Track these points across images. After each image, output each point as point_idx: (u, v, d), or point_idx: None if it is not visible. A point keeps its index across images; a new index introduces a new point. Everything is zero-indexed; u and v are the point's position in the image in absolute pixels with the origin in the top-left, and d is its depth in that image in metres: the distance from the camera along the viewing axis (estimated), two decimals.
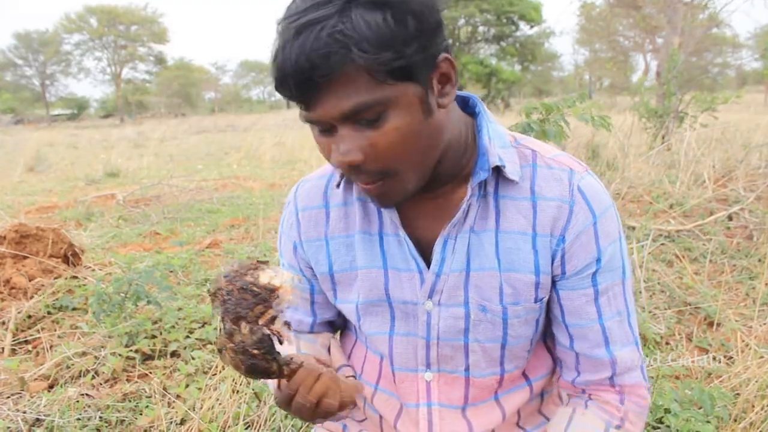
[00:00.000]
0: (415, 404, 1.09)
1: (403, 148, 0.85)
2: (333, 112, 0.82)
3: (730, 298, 3.32)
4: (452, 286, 1.00)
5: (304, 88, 0.81)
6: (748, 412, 2.04)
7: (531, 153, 1.00)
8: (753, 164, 6.39)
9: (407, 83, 0.83)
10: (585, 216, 0.96)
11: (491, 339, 1.02)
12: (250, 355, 0.80)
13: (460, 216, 0.98)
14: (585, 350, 1.02)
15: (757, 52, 38.28)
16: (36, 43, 50.97)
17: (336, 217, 1.08)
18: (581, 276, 0.98)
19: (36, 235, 3.78)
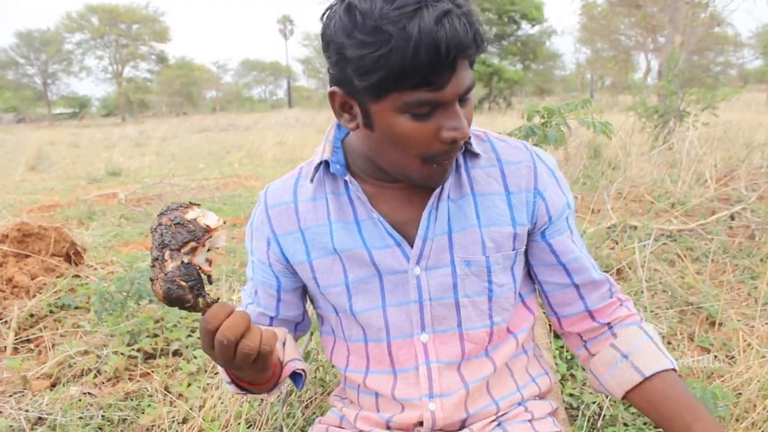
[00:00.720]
0: (414, 367, 1.15)
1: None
2: (458, 90, 0.93)
3: (732, 298, 3.31)
4: (438, 249, 1.10)
5: (445, 72, 0.90)
6: (750, 412, 2.04)
7: (482, 133, 1.17)
8: (755, 163, 6.39)
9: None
10: (546, 171, 1.14)
11: (478, 292, 1.13)
12: (175, 283, 0.85)
13: (439, 190, 1.09)
14: (584, 279, 1.18)
15: (758, 51, 38.21)
16: (38, 42, 50.96)
17: (305, 209, 1.15)
18: (561, 220, 1.16)
19: (38, 233, 3.79)
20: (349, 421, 1.24)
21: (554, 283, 1.20)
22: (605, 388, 1.19)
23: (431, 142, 0.96)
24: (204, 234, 0.87)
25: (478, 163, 1.13)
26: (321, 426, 1.27)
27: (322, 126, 21.65)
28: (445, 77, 0.90)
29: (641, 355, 1.13)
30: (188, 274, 0.85)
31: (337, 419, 1.27)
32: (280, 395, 2.13)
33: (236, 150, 14.14)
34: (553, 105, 2.39)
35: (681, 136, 7.24)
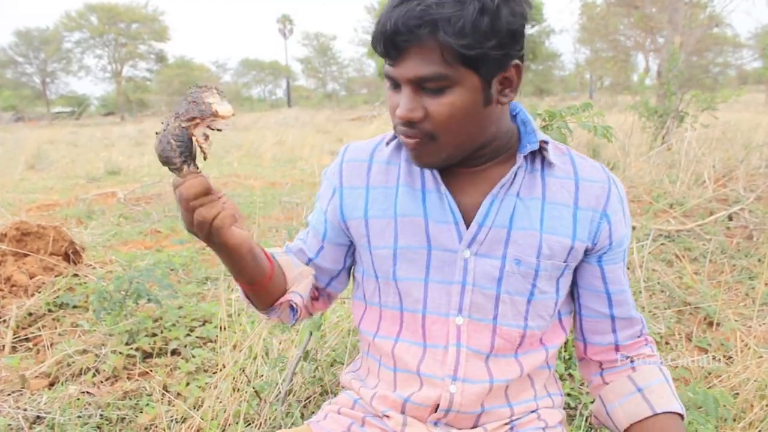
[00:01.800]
0: (443, 346, 1.16)
1: (450, 121, 1.01)
2: (406, 74, 0.99)
3: (729, 298, 3.32)
4: (492, 240, 1.12)
5: (389, 48, 0.99)
6: (747, 412, 2.05)
7: (565, 148, 1.19)
8: (753, 164, 6.40)
9: (471, 72, 0.98)
10: (618, 198, 1.16)
11: (520, 291, 1.14)
12: (168, 143, 0.93)
13: (508, 179, 1.11)
14: (623, 313, 1.21)
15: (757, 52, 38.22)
16: (37, 40, 50.88)
17: (377, 170, 1.20)
18: (621, 249, 1.18)
19: (37, 232, 3.79)
20: (362, 405, 1.24)
21: (593, 309, 1.22)
22: (610, 418, 1.23)
23: (393, 112, 1.06)
24: (209, 115, 0.94)
25: (554, 173, 1.15)
26: (333, 407, 1.28)
27: (322, 125, 21.66)
28: (392, 55, 0.99)
29: (656, 392, 1.17)
30: (180, 138, 0.93)
31: (351, 401, 1.27)
32: (278, 394, 2.13)
33: (235, 149, 14.12)
34: (553, 108, 2.40)
35: (680, 137, 7.24)
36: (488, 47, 0.96)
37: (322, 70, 67.78)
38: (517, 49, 1.01)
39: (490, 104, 1.03)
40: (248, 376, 2.19)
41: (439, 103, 1.00)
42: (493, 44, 0.96)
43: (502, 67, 1.01)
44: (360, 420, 1.22)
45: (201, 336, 2.85)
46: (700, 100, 7.84)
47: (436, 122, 1.01)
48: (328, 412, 1.27)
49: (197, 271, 3.96)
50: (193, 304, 3.21)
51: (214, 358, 2.59)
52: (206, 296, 3.49)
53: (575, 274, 1.21)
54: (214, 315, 3.00)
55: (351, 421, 1.23)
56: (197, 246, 4.67)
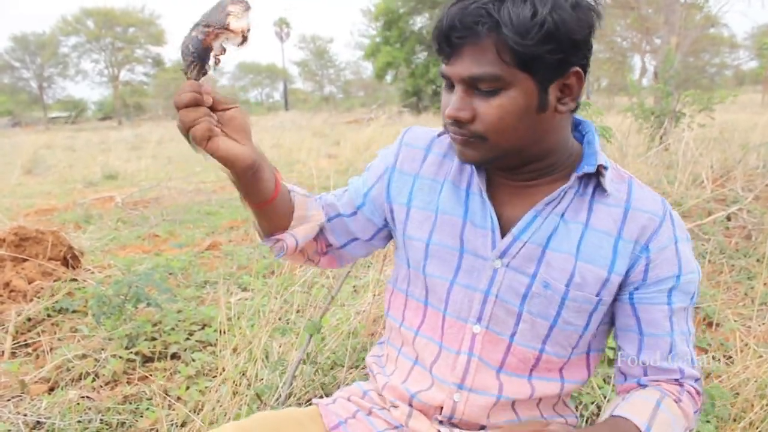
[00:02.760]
0: (456, 351, 1.15)
1: (500, 124, 0.99)
2: (459, 72, 0.98)
3: (729, 298, 3.33)
4: (526, 256, 1.09)
5: (443, 45, 0.98)
6: (747, 412, 2.05)
7: (627, 176, 1.13)
8: (751, 164, 6.40)
9: (527, 74, 0.96)
10: (669, 235, 1.08)
11: (543, 315, 1.10)
12: (186, 45, 0.93)
13: (554, 197, 1.08)
14: (654, 361, 1.12)
15: (753, 52, 38.34)
16: (33, 45, 50.83)
17: (431, 161, 1.19)
18: (659, 289, 1.09)
19: (35, 237, 3.78)
20: (371, 397, 1.25)
21: (624, 350, 1.14)
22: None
23: (443, 113, 1.04)
24: (221, 27, 0.93)
25: (605, 200, 1.10)
26: (343, 393, 1.29)
27: (319, 128, 21.65)
28: (447, 53, 0.99)
29: (633, 403, 1.09)
30: (195, 44, 0.93)
31: (361, 392, 1.28)
32: (279, 397, 2.13)
33: None
34: None
35: (677, 138, 7.25)
36: (545, 50, 0.93)
37: (319, 73, 67.83)
38: (579, 57, 0.99)
39: (545, 111, 1.00)
40: (248, 379, 2.19)
41: (489, 105, 0.98)
42: (551, 48, 0.93)
43: (560, 73, 0.98)
44: (367, 410, 1.24)
45: (201, 340, 2.84)
46: (697, 101, 7.84)
47: (485, 124, 0.99)
48: (338, 397, 1.29)
49: (196, 275, 3.95)
50: (192, 308, 3.21)
51: (214, 361, 2.59)
52: (205, 300, 3.48)
53: (613, 314, 1.15)
54: (214, 318, 3.00)
55: (357, 408, 1.24)
56: (196, 250, 4.66)
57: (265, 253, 4.41)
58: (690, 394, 1.12)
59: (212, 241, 4.96)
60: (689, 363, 1.13)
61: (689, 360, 1.13)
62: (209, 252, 4.66)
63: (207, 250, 4.71)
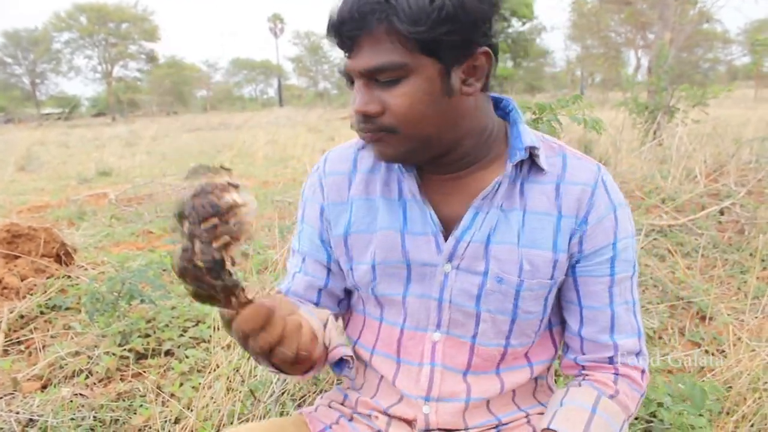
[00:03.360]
0: (418, 363, 1.12)
1: (410, 112, 0.95)
2: (358, 65, 0.94)
3: (722, 292, 3.34)
4: (473, 255, 1.06)
5: (342, 38, 0.95)
6: (740, 405, 2.05)
7: (558, 146, 1.10)
8: (744, 159, 6.43)
9: (430, 59, 0.92)
10: (605, 203, 1.05)
11: (502, 311, 1.07)
12: (201, 281, 0.75)
13: (489, 191, 1.04)
14: (591, 335, 1.10)
15: (747, 48, 38.42)
16: (25, 41, 50.67)
17: (359, 181, 1.14)
18: (599, 260, 1.06)
19: (28, 234, 3.76)
20: (351, 401, 1.24)
21: (568, 324, 1.14)
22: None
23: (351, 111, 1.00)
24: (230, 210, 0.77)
25: (539, 178, 1.06)
26: (324, 401, 1.28)
27: (313, 124, 21.62)
28: (345, 47, 0.96)
29: (567, 413, 1.05)
30: (215, 269, 0.75)
31: (341, 396, 1.27)
32: (273, 394, 2.13)
33: (227, 149, 14.08)
34: (544, 101, 2.40)
35: (671, 133, 7.27)
36: (442, 33, 0.89)
37: (313, 68, 67.71)
38: (484, 36, 0.95)
39: (453, 94, 0.96)
40: (242, 375, 2.18)
41: (394, 95, 0.94)
42: (448, 30, 0.90)
43: (466, 54, 0.95)
44: (348, 415, 1.22)
45: (194, 336, 2.84)
46: (691, 96, 7.87)
47: (395, 115, 0.95)
48: (319, 405, 1.27)
49: None
50: (186, 305, 3.20)
51: (208, 358, 2.58)
52: None
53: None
54: (208, 315, 2.99)
55: (339, 414, 1.23)
56: None
57: (258, 249, 4.40)
58: (627, 378, 1.10)
59: None
60: (633, 334, 1.10)
61: (634, 331, 1.10)
62: None
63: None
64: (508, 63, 40.91)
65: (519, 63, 43.04)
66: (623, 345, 1.09)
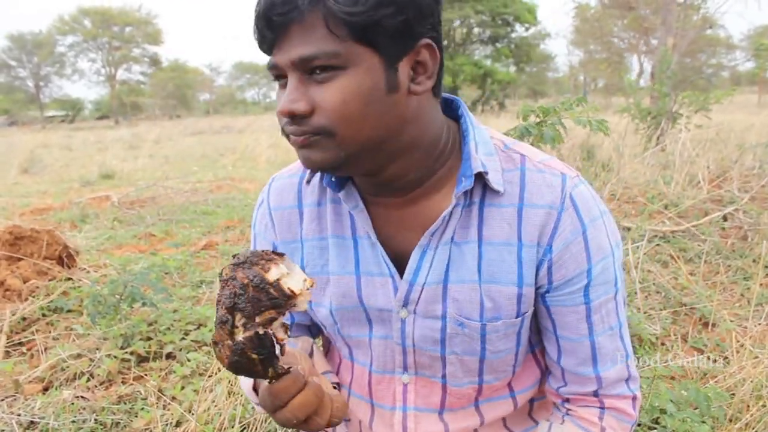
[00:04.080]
0: (390, 407, 1.07)
1: (345, 109, 0.82)
2: (288, 56, 0.82)
3: (725, 299, 3.33)
4: (429, 298, 0.97)
5: (266, 29, 0.82)
6: (743, 413, 2.04)
7: (519, 157, 0.96)
8: (747, 165, 6.41)
9: (369, 49, 0.81)
10: (573, 225, 0.92)
11: (468, 352, 0.99)
12: (245, 356, 0.74)
13: (438, 225, 0.93)
14: (571, 367, 1.00)
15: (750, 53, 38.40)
16: (30, 44, 50.84)
17: (309, 217, 1.04)
18: (571, 290, 0.95)
19: (30, 236, 3.77)
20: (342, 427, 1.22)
21: (547, 350, 1.04)
22: None
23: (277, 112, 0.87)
24: (287, 302, 0.75)
25: (496, 200, 0.93)
26: None
27: None
28: (269, 38, 0.83)
29: None
30: (261, 347, 0.74)
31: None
32: None
33: (230, 152, 14.11)
34: (548, 104, 2.39)
35: (674, 138, 7.26)
36: (382, 15, 0.78)
37: None
38: (427, 27, 0.84)
39: (397, 91, 0.84)
40: None
41: (328, 90, 0.81)
42: (389, 12, 0.79)
43: (408, 45, 0.83)
44: None
45: (196, 339, 2.83)
46: (694, 101, 7.86)
47: (327, 113, 0.82)
48: None
49: (192, 275, 3.94)
50: (188, 308, 3.20)
51: (210, 361, 2.58)
52: (201, 299, 3.47)
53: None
54: (209, 318, 2.99)
55: None
56: (192, 249, 4.65)
57: None
58: (614, 410, 1.00)
59: (208, 241, 4.95)
60: (621, 360, 1.00)
61: (622, 356, 1.00)
62: (205, 251, 4.65)
63: (203, 250, 4.70)
64: (511, 68, 40.93)
65: (522, 68, 43.05)
66: (608, 377, 0.99)
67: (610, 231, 0.96)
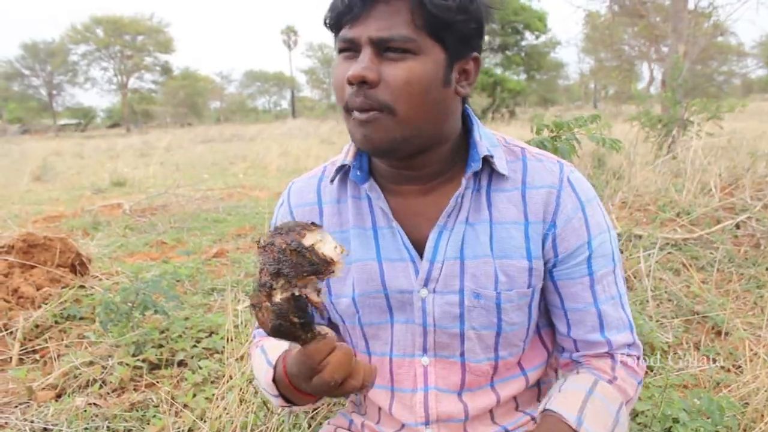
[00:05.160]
0: (411, 389, 1.12)
1: (408, 89, 0.92)
2: (370, 33, 0.91)
3: (738, 307, 3.30)
4: (447, 274, 1.05)
5: (354, 3, 0.91)
6: (757, 422, 2.03)
7: (519, 149, 1.09)
8: (760, 172, 6.37)
9: (438, 44, 0.93)
10: (573, 202, 1.04)
11: (486, 326, 1.07)
12: (287, 319, 0.78)
13: (453, 205, 1.03)
14: (582, 335, 1.09)
15: (762, 60, 38.23)
16: (43, 53, 51.34)
17: (330, 212, 1.13)
18: (575, 262, 1.05)
19: (43, 244, 3.80)
20: (357, 426, 1.24)
21: (557, 327, 1.13)
22: None
23: (344, 84, 0.95)
24: (327, 267, 0.78)
25: (502, 186, 1.05)
26: (330, 427, 1.27)
27: (326, 136, 21.70)
28: (356, 12, 0.91)
29: (564, 395, 1.05)
30: (301, 309, 0.78)
31: (347, 422, 1.26)
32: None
33: (241, 160, 14.18)
34: (560, 119, 2.40)
35: (685, 146, 7.23)
36: (459, 20, 0.91)
37: (326, 80, 68.03)
38: (479, 43, 0.98)
39: (449, 87, 0.97)
40: (255, 387, 2.18)
41: (397, 68, 0.91)
42: (465, 18, 0.92)
43: (464, 52, 0.97)
44: None
45: (208, 347, 2.84)
46: (705, 109, 7.82)
47: (392, 89, 0.92)
48: (327, 431, 1.27)
49: (203, 282, 3.96)
50: (199, 315, 3.21)
51: (221, 369, 2.59)
52: (213, 307, 3.48)
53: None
54: (221, 326, 3.00)
55: None
56: (203, 257, 4.67)
57: None
58: (625, 365, 1.09)
59: (219, 249, 4.97)
60: (624, 328, 1.09)
61: (625, 324, 1.10)
62: (216, 259, 4.67)
63: (214, 258, 4.72)
64: (522, 76, 40.90)
65: (532, 76, 43.00)
66: (616, 340, 1.09)
67: (604, 212, 1.09)
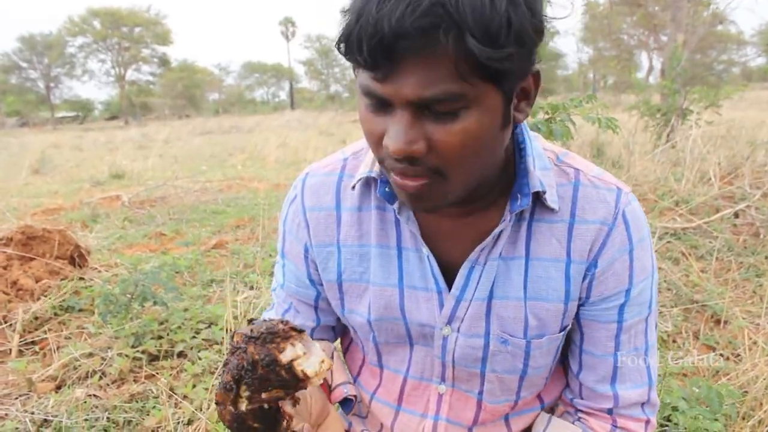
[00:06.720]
0: (421, 414, 1.06)
1: (466, 151, 0.75)
2: (406, 93, 0.71)
3: (737, 296, 3.30)
4: (473, 315, 0.94)
5: (379, 57, 0.68)
6: (756, 410, 2.03)
7: (573, 171, 0.93)
8: (759, 161, 6.36)
9: (492, 86, 0.73)
10: (621, 242, 0.90)
11: (509, 370, 0.98)
12: (245, 425, 0.72)
13: (489, 241, 0.90)
14: (590, 383, 1.00)
15: (761, 49, 38.15)
16: (40, 46, 51.11)
17: (348, 222, 0.98)
18: (607, 306, 0.94)
19: (42, 236, 3.79)
20: (355, 429, 1.20)
21: (569, 363, 1.04)
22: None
23: (378, 142, 0.78)
24: (297, 384, 0.71)
25: (547, 216, 0.91)
26: None
27: (325, 127, 21.67)
28: (384, 67, 0.70)
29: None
30: (264, 419, 0.73)
31: (345, 424, 1.21)
32: None
33: (239, 152, 14.15)
34: (556, 101, 2.38)
35: (684, 135, 7.22)
36: (511, 53, 0.69)
37: (324, 71, 67.91)
38: (536, 56, 0.77)
39: (508, 126, 0.80)
40: None
41: (448, 131, 0.73)
42: (521, 51, 0.71)
43: (521, 77, 0.77)
44: None
45: (207, 338, 2.85)
46: (704, 97, 7.81)
47: (444, 155, 0.75)
48: None
49: (202, 274, 3.96)
50: (198, 307, 3.21)
51: (221, 360, 2.59)
52: (212, 298, 3.48)
53: None
54: (220, 317, 3.00)
55: None
56: (202, 248, 4.67)
57: (271, 252, 4.41)
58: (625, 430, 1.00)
59: (218, 240, 4.97)
60: (642, 384, 0.98)
61: (642, 380, 0.98)
62: (216, 251, 4.67)
63: (213, 249, 4.72)
64: None
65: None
66: (625, 396, 0.98)
67: (652, 253, 0.96)
